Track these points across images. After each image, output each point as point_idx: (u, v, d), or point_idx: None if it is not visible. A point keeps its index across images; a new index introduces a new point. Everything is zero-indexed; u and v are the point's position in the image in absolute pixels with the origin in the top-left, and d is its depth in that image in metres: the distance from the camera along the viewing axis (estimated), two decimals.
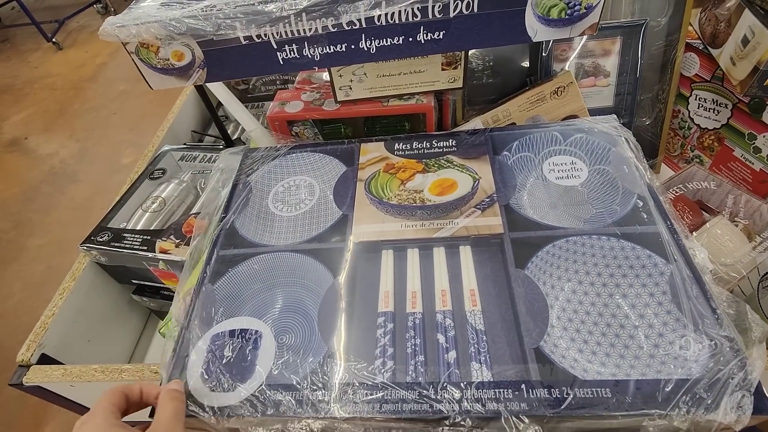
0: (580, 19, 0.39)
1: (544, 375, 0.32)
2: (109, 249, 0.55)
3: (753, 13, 0.54)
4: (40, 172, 1.83)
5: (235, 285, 0.41)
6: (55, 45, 2.62)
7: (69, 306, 0.55)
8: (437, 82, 0.52)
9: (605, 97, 0.67)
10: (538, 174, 0.46)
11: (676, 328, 0.34)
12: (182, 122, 0.83)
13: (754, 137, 0.60)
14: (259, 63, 0.43)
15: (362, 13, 0.39)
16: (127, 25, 0.40)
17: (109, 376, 0.46)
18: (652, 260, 0.37)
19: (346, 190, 0.48)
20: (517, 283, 0.38)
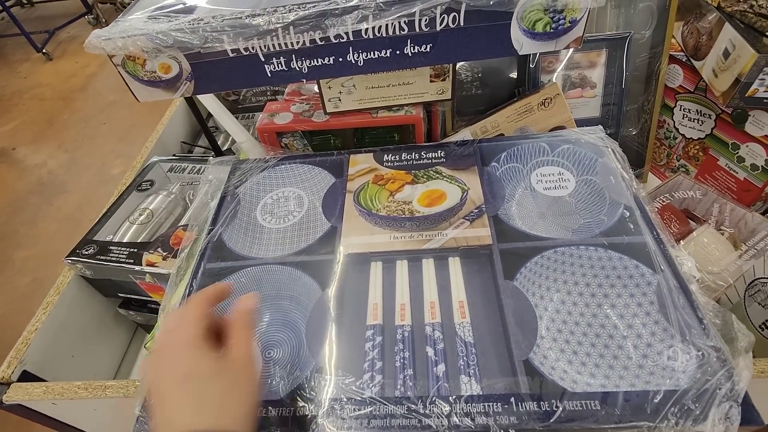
0: (565, 33, 0.40)
1: (534, 388, 0.32)
2: (95, 262, 0.54)
3: (733, 27, 0.55)
4: (28, 183, 1.81)
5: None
6: (45, 55, 2.61)
7: (52, 321, 0.53)
8: (426, 93, 0.53)
9: (592, 108, 0.68)
10: (526, 185, 0.47)
11: (664, 338, 0.34)
12: (172, 133, 0.82)
13: (738, 147, 0.62)
14: (247, 75, 0.43)
15: (349, 26, 0.39)
16: (113, 38, 0.39)
17: (93, 393, 0.45)
18: (639, 270, 0.38)
19: (335, 202, 0.47)
20: (506, 294, 0.37)
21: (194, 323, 0.30)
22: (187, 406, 0.27)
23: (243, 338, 0.30)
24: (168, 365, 0.29)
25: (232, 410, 0.28)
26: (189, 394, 0.27)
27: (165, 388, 0.28)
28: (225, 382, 0.28)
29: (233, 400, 0.28)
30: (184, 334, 0.30)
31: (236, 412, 0.28)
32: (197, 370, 0.28)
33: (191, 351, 0.29)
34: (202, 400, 0.27)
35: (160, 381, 0.29)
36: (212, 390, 0.28)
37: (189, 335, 0.29)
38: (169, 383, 0.28)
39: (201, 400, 0.27)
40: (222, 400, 0.27)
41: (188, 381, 0.28)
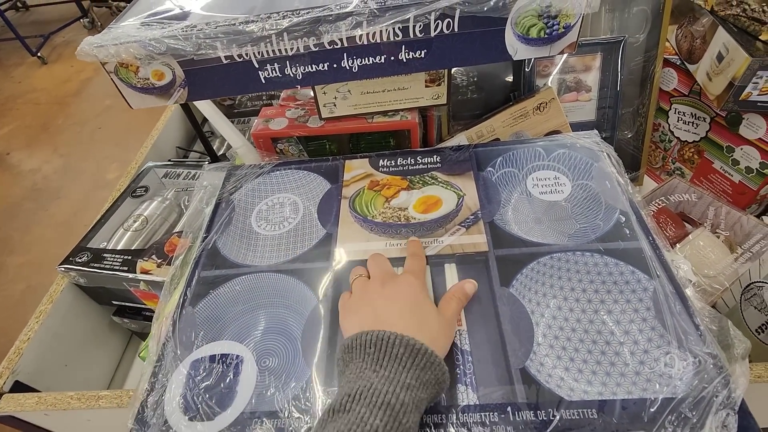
0: (559, 38, 0.40)
1: (531, 396, 0.32)
2: (89, 270, 0.54)
3: (726, 31, 0.55)
4: (22, 189, 1.80)
5: (217, 307, 0.41)
6: (39, 59, 2.60)
7: (46, 330, 0.53)
8: (421, 98, 0.53)
9: (587, 112, 0.68)
10: (522, 189, 0.46)
11: (661, 344, 0.33)
12: (167, 138, 0.82)
13: (732, 150, 0.62)
14: (241, 82, 0.42)
15: (344, 32, 0.39)
16: (105, 45, 0.39)
17: (86, 403, 0.45)
18: (635, 276, 0.38)
19: (331, 208, 0.47)
20: (502, 301, 0.37)
21: (423, 278, 0.38)
22: (412, 321, 0.33)
23: (455, 307, 0.36)
24: (395, 292, 0.35)
25: (440, 344, 0.33)
26: (415, 316, 0.33)
27: (388, 308, 0.34)
28: (439, 324, 0.34)
29: (441, 337, 0.33)
30: (413, 278, 0.36)
31: (442, 348, 0.33)
32: (424, 304, 0.35)
33: (421, 289, 0.36)
34: (423, 324, 0.33)
35: (382, 301, 0.35)
36: (432, 323, 0.34)
37: (422, 282, 0.37)
38: (396, 305, 0.34)
39: (423, 324, 0.33)
40: (437, 333, 0.33)
41: (417, 308, 0.34)
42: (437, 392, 0.31)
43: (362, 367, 0.30)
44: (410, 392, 0.28)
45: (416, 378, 0.29)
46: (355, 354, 0.31)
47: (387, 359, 0.30)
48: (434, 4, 0.37)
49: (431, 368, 0.30)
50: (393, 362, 0.30)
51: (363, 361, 0.30)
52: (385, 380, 0.29)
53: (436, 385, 0.30)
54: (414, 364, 0.30)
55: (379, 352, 0.30)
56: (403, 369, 0.29)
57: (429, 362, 0.30)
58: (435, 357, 0.31)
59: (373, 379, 0.29)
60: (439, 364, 0.31)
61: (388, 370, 0.29)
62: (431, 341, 0.31)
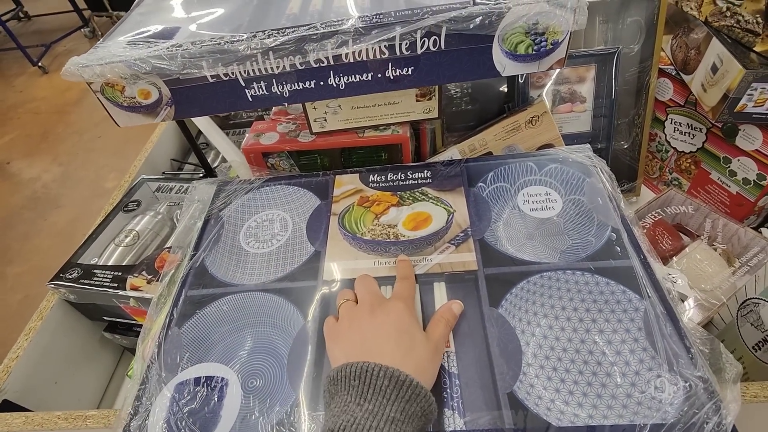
0: (548, 54, 0.40)
1: (518, 422, 0.31)
2: (79, 287, 0.54)
3: (720, 42, 0.55)
4: (22, 198, 1.80)
5: (203, 328, 0.40)
6: (40, 69, 2.62)
7: (35, 347, 0.52)
8: (412, 112, 0.52)
9: (583, 122, 0.67)
10: (513, 205, 0.46)
11: (652, 366, 0.33)
12: (161, 150, 0.82)
13: (729, 161, 0.61)
14: (228, 100, 0.42)
15: (329, 51, 0.38)
16: (91, 65, 0.39)
17: (73, 423, 0.44)
18: (626, 296, 0.37)
19: (320, 225, 0.47)
20: (490, 322, 0.37)
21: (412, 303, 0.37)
22: (398, 351, 0.32)
23: (442, 330, 0.35)
24: (383, 320, 0.35)
25: (428, 373, 0.33)
26: (402, 345, 0.33)
27: (375, 337, 0.34)
28: (428, 350, 0.33)
29: (429, 365, 0.33)
30: (401, 305, 0.36)
31: (430, 377, 0.33)
32: (413, 331, 0.34)
33: (410, 316, 0.35)
34: (411, 353, 0.32)
35: (369, 328, 0.34)
36: (420, 351, 0.33)
37: (410, 308, 0.36)
38: (383, 334, 0.34)
39: (410, 353, 0.32)
40: (424, 361, 0.33)
41: (405, 336, 0.34)
42: (424, 424, 0.30)
43: (347, 400, 0.30)
44: (395, 426, 0.28)
45: (401, 411, 0.29)
46: (340, 386, 0.31)
47: (371, 392, 0.29)
48: (420, 23, 0.37)
49: (417, 400, 0.30)
50: (377, 395, 0.29)
51: (348, 394, 0.30)
52: (369, 414, 0.28)
53: (422, 417, 0.30)
54: (399, 397, 0.29)
55: (364, 385, 0.30)
56: (388, 402, 0.29)
57: (414, 394, 0.30)
58: (421, 389, 0.30)
59: (357, 413, 0.28)
60: (425, 395, 0.30)
61: (372, 403, 0.29)
62: (418, 371, 0.31)
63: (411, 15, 0.37)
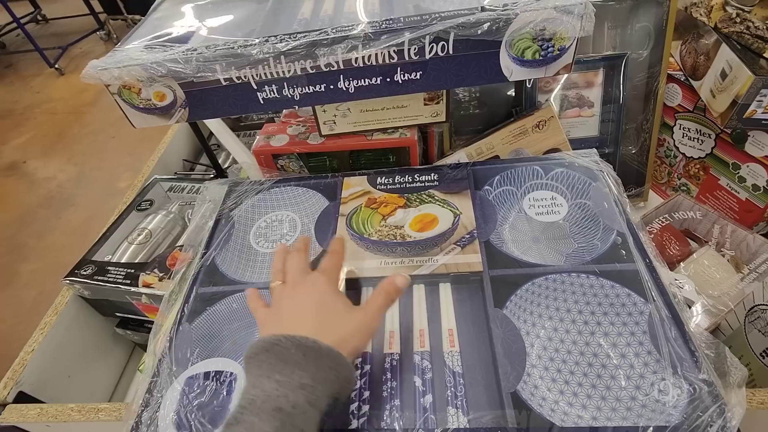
0: (554, 60, 0.40)
1: (521, 422, 0.32)
2: (93, 283, 0.55)
3: (730, 48, 0.55)
4: (37, 196, 1.84)
5: (213, 324, 0.41)
6: (57, 70, 2.68)
7: (50, 341, 0.54)
8: (420, 116, 0.53)
9: (590, 127, 0.68)
10: (519, 208, 0.46)
11: (657, 369, 0.33)
12: (174, 151, 0.83)
13: (738, 167, 0.61)
14: (240, 102, 0.43)
15: (340, 55, 0.39)
16: (109, 68, 0.40)
17: (86, 416, 0.45)
18: (631, 299, 0.37)
19: (328, 226, 0.48)
20: (495, 323, 0.37)
21: (336, 276, 0.38)
22: (315, 322, 0.33)
23: (381, 302, 0.35)
24: (303, 294, 0.35)
25: (352, 343, 0.32)
26: (319, 317, 0.33)
27: (293, 312, 0.34)
28: (353, 321, 0.33)
29: (354, 335, 0.33)
30: (322, 277, 0.36)
31: (354, 346, 0.32)
32: (333, 303, 0.34)
33: (333, 289, 0.36)
34: (329, 324, 0.33)
35: (289, 304, 0.35)
36: (341, 321, 0.33)
37: (333, 280, 0.37)
38: (300, 308, 0.34)
39: (328, 324, 0.33)
40: (347, 331, 0.33)
41: (322, 308, 0.34)
42: (340, 388, 0.30)
43: (258, 374, 0.29)
44: (304, 392, 0.28)
45: (311, 377, 0.29)
46: (253, 363, 0.30)
47: (281, 364, 0.29)
48: (428, 28, 0.37)
49: (328, 366, 0.30)
50: (286, 366, 0.29)
51: (259, 368, 0.30)
52: (277, 384, 0.28)
53: (337, 381, 0.30)
54: (308, 364, 0.29)
55: (274, 357, 0.30)
56: (297, 370, 0.29)
57: (325, 360, 0.30)
58: (332, 352, 0.30)
59: (266, 386, 0.28)
60: (337, 357, 0.30)
61: (282, 374, 0.29)
62: (339, 341, 0.31)
63: (420, 21, 0.38)
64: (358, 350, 0.33)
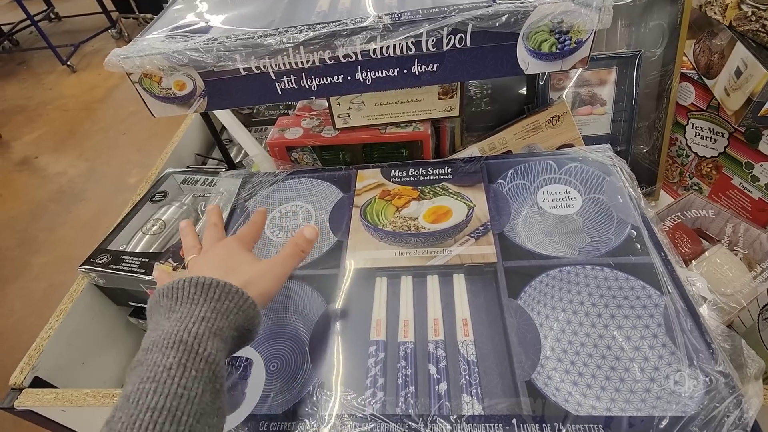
0: (571, 53, 0.40)
1: (536, 409, 0.32)
2: (108, 271, 0.56)
3: (745, 46, 0.54)
4: (48, 191, 1.86)
5: None
6: (69, 68, 2.71)
7: (65, 328, 0.55)
8: (434, 110, 0.53)
9: (602, 125, 0.68)
10: (532, 202, 0.47)
11: (672, 362, 0.33)
12: (186, 145, 0.84)
13: (752, 166, 0.61)
14: (259, 93, 0.44)
15: (358, 46, 0.40)
16: (131, 57, 0.41)
17: (101, 401, 0.46)
18: (646, 292, 0.37)
19: (342, 217, 0.48)
20: (509, 313, 0.37)
21: (249, 240, 0.40)
22: (219, 270, 0.34)
23: (287, 250, 0.37)
24: (212, 252, 0.37)
25: (258, 285, 0.34)
26: (222, 264, 0.35)
27: (201, 264, 0.35)
28: (259, 266, 0.35)
29: (259, 279, 0.34)
30: (231, 239, 0.38)
31: (262, 288, 0.34)
32: (237, 253, 0.36)
33: (241, 246, 0.37)
34: (232, 269, 0.34)
35: (198, 262, 0.36)
36: (245, 267, 0.35)
37: (243, 242, 0.38)
38: (205, 262, 0.36)
39: (232, 269, 0.34)
40: (252, 275, 0.34)
41: (227, 257, 0.36)
42: (244, 320, 0.31)
43: (158, 319, 0.30)
44: (205, 323, 0.28)
45: (211, 310, 0.29)
46: (153, 310, 0.31)
47: (179, 303, 0.30)
48: (447, 20, 0.38)
49: (228, 298, 0.30)
50: (184, 304, 0.30)
51: (158, 313, 0.30)
52: (176, 322, 0.28)
53: (239, 312, 0.31)
54: (207, 298, 0.30)
55: (172, 300, 0.30)
56: (196, 306, 0.29)
57: (224, 293, 0.30)
58: (230, 287, 0.31)
59: (165, 325, 0.28)
60: (236, 291, 0.31)
61: (180, 312, 0.29)
62: (243, 283, 0.32)
63: (438, 12, 0.39)
64: (266, 294, 0.34)
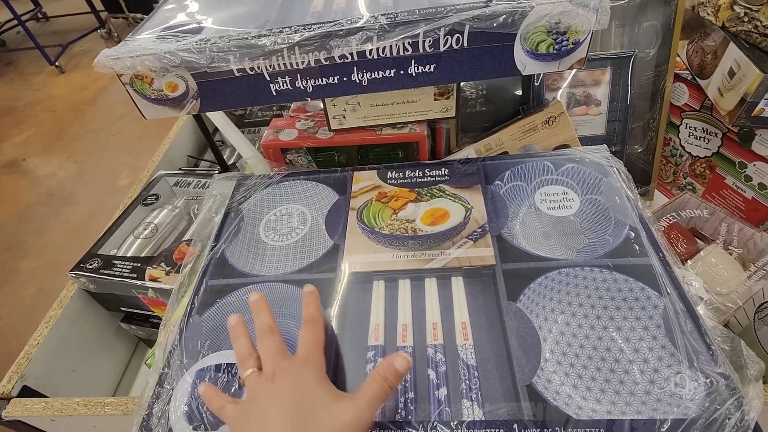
0: (568, 54, 0.40)
1: (537, 414, 0.31)
2: (98, 276, 0.55)
3: (738, 47, 0.55)
4: (37, 194, 1.83)
5: (223, 316, 0.41)
6: (57, 68, 2.67)
7: (54, 335, 0.53)
8: (430, 111, 0.53)
9: (597, 126, 0.68)
10: (530, 203, 0.46)
11: (672, 363, 0.33)
12: (178, 147, 0.83)
13: (745, 166, 0.61)
14: (253, 94, 0.43)
15: (354, 47, 0.39)
16: (122, 58, 0.40)
17: (92, 410, 0.45)
18: (645, 293, 0.37)
19: (338, 219, 0.47)
20: (509, 316, 0.37)
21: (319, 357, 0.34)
22: (294, 419, 0.29)
23: (374, 391, 0.30)
24: (282, 390, 0.31)
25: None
26: (302, 412, 0.30)
27: (270, 410, 0.30)
28: (338, 421, 0.30)
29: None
30: (301, 367, 0.33)
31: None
32: (314, 399, 0.31)
33: (316, 379, 0.32)
34: (312, 419, 0.29)
35: (267, 404, 0.30)
36: (325, 416, 0.30)
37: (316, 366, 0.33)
38: (278, 410, 0.30)
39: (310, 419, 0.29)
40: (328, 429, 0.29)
41: (304, 408, 0.30)
42: None
43: None
44: None
45: None
46: None
47: None
48: (444, 20, 0.37)
49: None
50: None
51: None
52: None
53: None
54: None
55: None
56: None
57: None
58: None
59: None
60: None
61: None
62: None
63: (435, 13, 0.38)
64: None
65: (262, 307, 0.36)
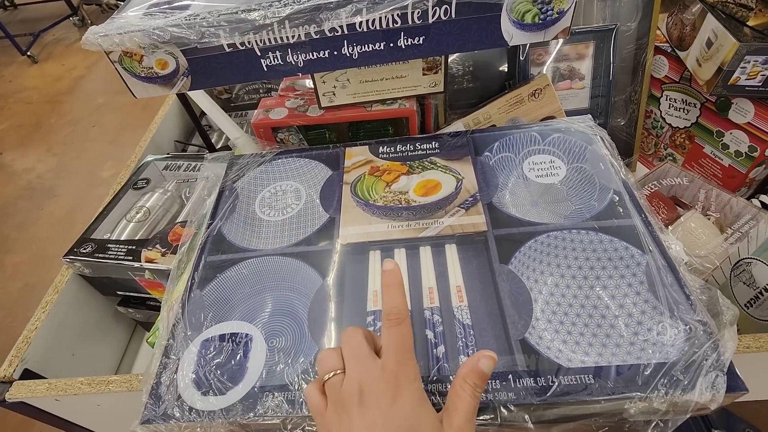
0: (553, 23, 0.41)
1: (531, 364, 0.33)
2: (94, 260, 0.55)
3: (715, 17, 0.57)
4: (16, 188, 1.79)
5: (224, 290, 0.42)
6: (30, 58, 2.58)
7: (52, 320, 0.54)
8: (419, 86, 0.54)
9: (581, 99, 0.69)
10: (518, 173, 0.48)
11: (654, 315, 0.35)
12: (165, 132, 0.82)
13: (722, 134, 0.63)
14: (244, 70, 0.43)
15: (344, 19, 0.40)
16: (110, 35, 0.40)
17: (96, 388, 0.46)
18: (629, 252, 0.39)
19: (333, 194, 0.48)
20: (501, 278, 0.39)
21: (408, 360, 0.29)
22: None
23: (468, 403, 0.28)
24: (375, 411, 0.27)
25: None
26: None
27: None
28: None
29: None
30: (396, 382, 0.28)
31: None
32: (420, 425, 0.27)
33: (412, 399, 0.28)
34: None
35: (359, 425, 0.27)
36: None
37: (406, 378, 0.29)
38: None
39: None
40: None
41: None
42: None
43: None
44: None
45: None
46: None
47: None
48: None
49: None
50: None
51: None
52: None
53: None
54: None
55: None
56: None
57: None
58: None
59: None
60: None
61: None
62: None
63: None
64: None
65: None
